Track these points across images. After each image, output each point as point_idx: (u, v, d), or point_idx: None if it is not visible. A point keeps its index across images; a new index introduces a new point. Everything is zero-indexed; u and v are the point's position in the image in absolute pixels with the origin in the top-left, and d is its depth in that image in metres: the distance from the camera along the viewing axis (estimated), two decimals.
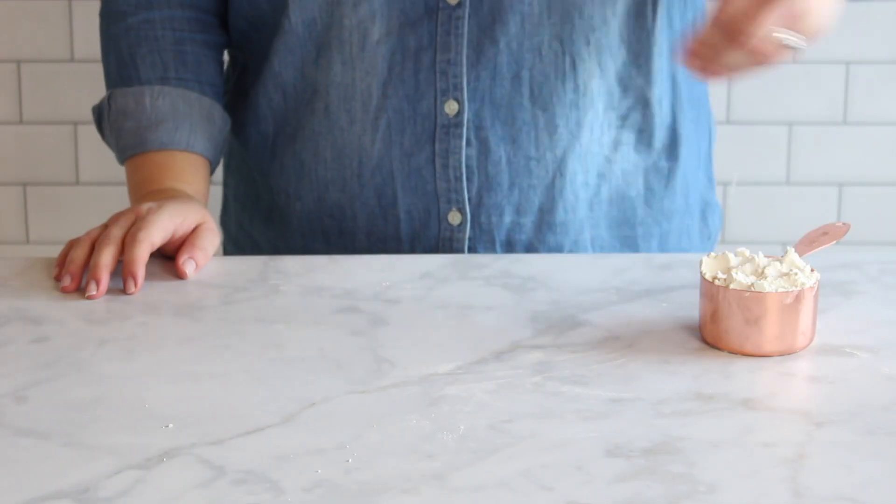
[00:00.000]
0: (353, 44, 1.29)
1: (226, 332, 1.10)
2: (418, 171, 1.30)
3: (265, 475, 0.88)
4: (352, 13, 1.28)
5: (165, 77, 1.33)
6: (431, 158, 1.30)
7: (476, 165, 1.30)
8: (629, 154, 1.33)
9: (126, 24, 1.34)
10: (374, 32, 1.28)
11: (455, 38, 1.27)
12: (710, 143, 1.43)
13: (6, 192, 2.26)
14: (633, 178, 1.34)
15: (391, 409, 0.97)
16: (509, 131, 1.29)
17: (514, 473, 0.88)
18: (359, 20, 1.28)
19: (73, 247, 1.21)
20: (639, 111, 1.32)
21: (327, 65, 1.31)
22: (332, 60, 1.30)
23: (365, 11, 1.27)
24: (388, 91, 1.29)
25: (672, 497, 0.85)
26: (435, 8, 1.27)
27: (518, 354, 1.05)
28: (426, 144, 1.30)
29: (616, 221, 1.34)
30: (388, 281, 1.19)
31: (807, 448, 0.91)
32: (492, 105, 1.29)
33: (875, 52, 2.22)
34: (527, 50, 1.28)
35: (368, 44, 1.28)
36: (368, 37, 1.28)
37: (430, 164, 1.30)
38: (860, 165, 2.27)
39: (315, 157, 1.34)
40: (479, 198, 1.31)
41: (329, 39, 1.30)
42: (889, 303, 1.15)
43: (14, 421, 0.95)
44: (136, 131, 1.32)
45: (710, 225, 1.43)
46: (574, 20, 1.27)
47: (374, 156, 1.31)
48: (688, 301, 1.14)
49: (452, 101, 1.28)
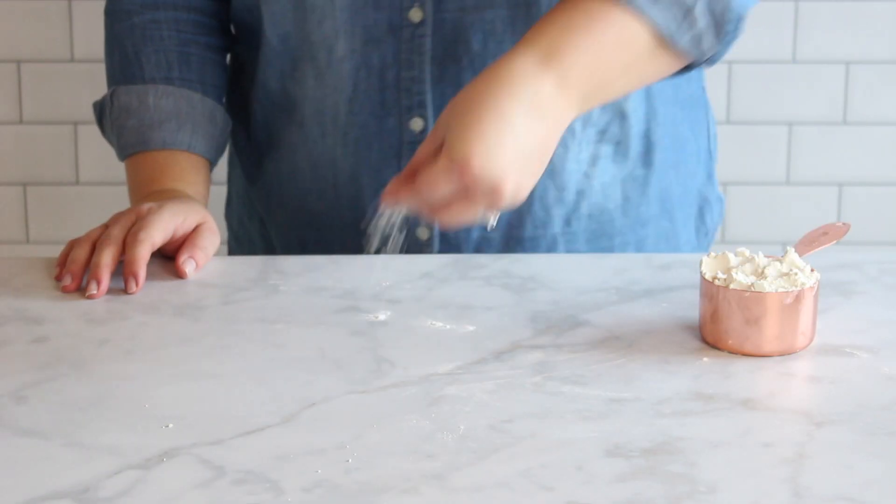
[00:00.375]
0: (321, 59, 1.29)
1: (226, 332, 1.10)
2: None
3: (265, 475, 0.88)
4: (317, 29, 1.28)
5: (169, 77, 1.33)
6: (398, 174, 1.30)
7: None
8: (608, 167, 1.32)
9: (132, 23, 1.35)
10: (338, 49, 1.28)
11: (418, 56, 1.27)
12: (708, 139, 1.43)
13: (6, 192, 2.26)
14: (611, 191, 1.33)
15: (391, 409, 0.97)
16: None
17: (514, 473, 0.88)
18: (324, 36, 1.28)
19: (73, 247, 1.21)
20: (616, 123, 1.32)
21: (302, 78, 1.31)
22: (306, 74, 1.31)
23: (329, 28, 1.27)
24: (355, 107, 1.29)
25: (672, 497, 0.85)
26: (398, 26, 1.27)
27: (518, 354, 1.05)
28: (393, 160, 1.30)
29: (595, 235, 1.34)
30: (388, 281, 1.19)
31: (807, 448, 0.91)
32: None
33: (875, 52, 2.22)
34: None
35: (334, 60, 1.28)
36: (334, 53, 1.28)
37: None
38: (860, 165, 2.27)
39: (293, 167, 1.35)
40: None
41: (302, 54, 1.30)
42: (889, 303, 1.15)
43: (14, 421, 0.95)
44: (139, 129, 1.32)
45: (707, 222, 1.43)
46: None
47: (346, 169, 1.31)
48: (688, 301, 1.14)
49: (417, 118, 1.28)
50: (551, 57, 1.07)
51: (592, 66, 1.08)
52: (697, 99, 1.41)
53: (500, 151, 1.04)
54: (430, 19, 1.26)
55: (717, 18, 1.13)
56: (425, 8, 1.26)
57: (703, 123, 1.42)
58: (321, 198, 1.34)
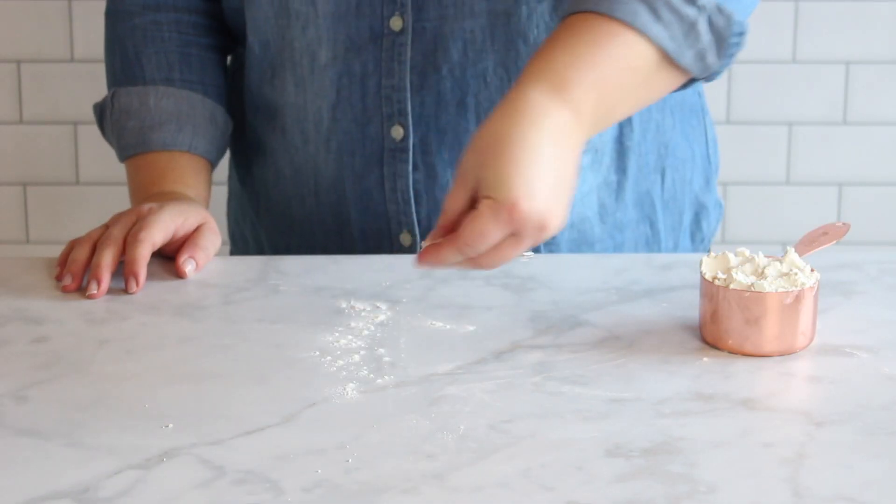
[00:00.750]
0: (303, 66, 1.29)
1: (226, 332, 1.10)
2: (369, 192, 1.30)
3: (265, 475, 0.88)
4: (301, 36, 1.28)
5: (170, 78, 1.33)
6: (381, 181, 1.30)
7: (424, 189, 1.30)
8: (586, 176, 1.32)
9: (132, 24, 1.35)
10: (321, 56, 1.28)
11: (399, 65, 1.27)
12: (706, 144, 1.43)
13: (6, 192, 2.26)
14: (589, 199, 1.33)
15: (391, 409, 0.97)
16: (456, 156, 1.29)
17: (514, 473, 0.88)
18: (307, 43, 1.28)
19: (74, 247, 1.21)
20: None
21: (282, 86, 1.31)
22: (286, 81, 1.31)
23: (312, 35, 1.27)
24: (338, 114, 1.29)
25: (672, 497, 0.85)
26: (380, 34, 1.27)
27: (518, 354, 1.05)
28: (375, 167, 1.30)
29: (576, 243, 1.34)
30: (388, 281, 1.19)
31: (807, 448, 0.91)
32: (437, 131, 1.28)
33: (875, 52, 2.22)
34: (471, 76, 1.27)
35: (317, 67, 1.28)
36: (317, 60, 1.28)
37: (380, 186, 1.30)
38: (860, 165, 2.27)
39: (276, 174, 1.35)
40: (429, 220, 1.31)
41: (283, 61, 1.30)
42: (889, 303, 1.15)
43: (14, 421, 0.95)
44: (139, 131, 1.32)
45: (703, 228, 1.43)
46: (518, 47, 1.26)
47: (328, 175, 1.31)
48: (688, 301, 1.14)
49: (398, 126, 1.28)
50: (562, 89, 1.05)
51: (602, 94, 1.07)
52: (692, 105, 1.40)
53: (540, 186, 1.01)
54: (411, 28, 1.26)
55: (719, 33, 1.13)
56: (405, 16, 1.26)
57: (699, 129, 1.41)
58: (303, 204, 1.34)
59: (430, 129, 1.28)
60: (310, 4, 1.27)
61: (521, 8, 1.25)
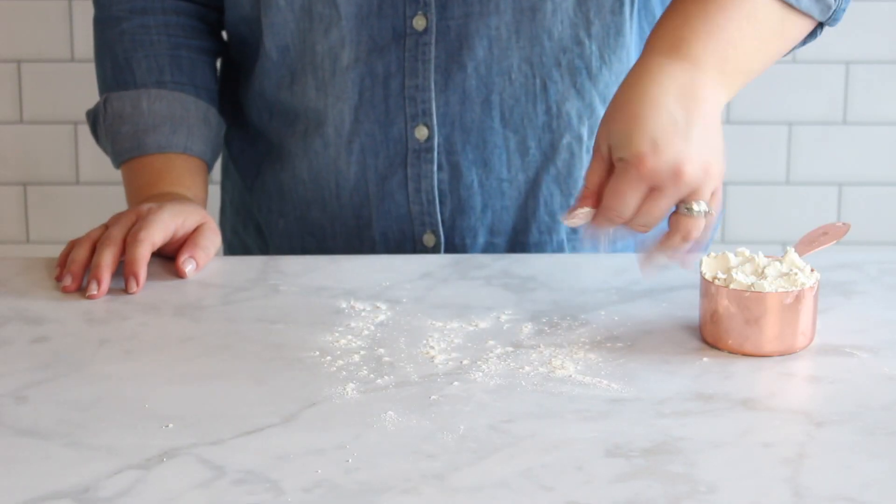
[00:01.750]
0: (325, 69, 1.29)
1: (226, 332, 1.10)
2: (392, 194, 1.30)
3: (265, 475, 0.88)
4: (323, 39, 1.28)
5: (161, 81, 1.33)
6: (404, 182, 1.30)
7: (448, 189, 1.30)
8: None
9: (121, 29, 1.34)
10: (344, 58, 1.28)
11: (423, 64, 1.27)
12: None
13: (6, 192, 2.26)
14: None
15: (391, 409, 0.97)
16: (480, 154, 1.29)
17: (514, 473, 0.88)
18: (329, 46, 1.28)
19: (74, 247, 1.21)
20: None
21: (301, 90, 1.31)
22: (307, 85, 1.30)
23: (335, 37, 1.27)
24: (360, 116, 1.29)
25: (672, 497, 0.85)
26: (402, 34, 1.27)
27: (518, 354, 1.05)
28: (399, 168, 1.30)
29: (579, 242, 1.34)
30: (388, 281, 1.19)
31: (807, 448, 0.91)
32: (462, 129, 1.29)
33: (875, 52, 2.22)
34: (496, 74, 1.27)
35: (339, 69, 1.28)
36: (339, 62, 1.28)
37: (403, 187, 1.30)
38: (860, 165, 2.27)
39: (293, 178, 1.34)
40: (452, 220, 1.31)
41: (303, 65, 1.30)
42: (889, 303, 1.15)
43: (14, 421, 0.95)
44: (133, 135, 1.32)
45: None
46: (543, 42, 1.27)
47: (350, 178, 1.31)
48: (688, 301, 1.14)
49: (422, 126, 1.28)
50: (679, 47, 1.08)
51: (722, 45, 1.09)
52: None
53: (665, 136, 1.05)
54: (434, 27, 1.26)
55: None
56: (429, 15, 1.26)
57: None
58: (324, 207, 1.34)
59: (454, 128, 1.29)
60: (332, 7, 1.26)
61: (546, 4, 1.25)
